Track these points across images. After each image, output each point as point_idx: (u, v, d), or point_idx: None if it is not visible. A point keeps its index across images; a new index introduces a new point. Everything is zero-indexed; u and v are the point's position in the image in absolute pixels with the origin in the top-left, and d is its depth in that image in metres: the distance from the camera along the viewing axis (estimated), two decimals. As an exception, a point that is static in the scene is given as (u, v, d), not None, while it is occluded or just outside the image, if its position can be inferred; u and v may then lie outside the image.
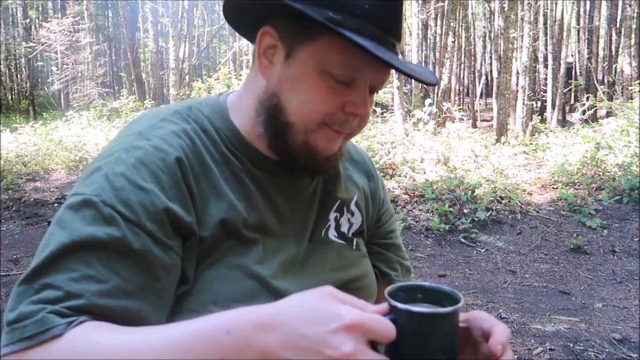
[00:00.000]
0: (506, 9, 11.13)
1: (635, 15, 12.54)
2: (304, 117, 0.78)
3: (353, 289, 0.88)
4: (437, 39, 20.20)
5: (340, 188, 0.93)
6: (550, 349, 2.72)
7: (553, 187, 6.53)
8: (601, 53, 16.33)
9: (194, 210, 0.76)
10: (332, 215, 0.92)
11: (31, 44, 17.21)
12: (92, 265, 0.67)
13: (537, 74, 15.12)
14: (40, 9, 20.75)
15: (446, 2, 12.80)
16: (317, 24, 0.71)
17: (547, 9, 15.05)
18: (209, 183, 0.79)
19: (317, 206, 0.90)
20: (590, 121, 10.79)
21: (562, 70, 14.19)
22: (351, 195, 0.95)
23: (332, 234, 0.91)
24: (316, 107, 0.77)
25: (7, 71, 22.42)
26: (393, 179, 6.60)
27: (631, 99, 10.38)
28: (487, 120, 18.37)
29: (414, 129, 7.84)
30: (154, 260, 0.70)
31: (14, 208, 6.03)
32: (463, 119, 8.49)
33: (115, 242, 0.68)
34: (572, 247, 4.58)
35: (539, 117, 12.61)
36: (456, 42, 16.16)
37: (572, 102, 15.29)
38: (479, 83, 21.95)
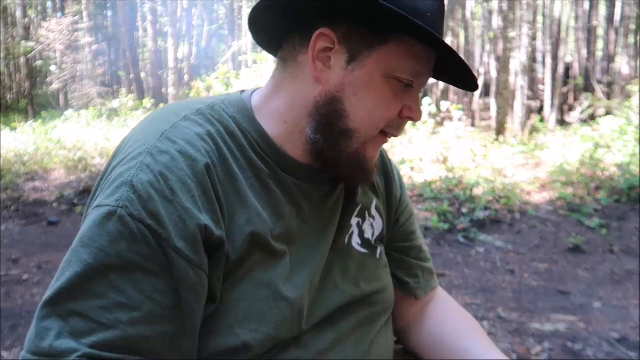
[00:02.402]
0: (505, 8, 11.13)
1: (633, 15, 12.56)
2: (369, 124, 0.76)
3: (372, 303, 0.87)
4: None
5: (359, 192, 0.89)
6: (549, 349, 2.73)
7: (552, 187, 6.53)
8: (600, 53, 16.32)
9: (223, 222, 0.71)
10: (354, 221, 0.88)
11: (30, 44, 17.17)
12: (122, 290, 0.63)
13: (535, 73, 15.12)
14: (39, 8, 20.72)
15: (445, 1, 12.80)
16: (394, 28, 0.71)
17: (546, 8, 15.05)
18: (235, 191, 0.73)
19: (340, 213, 0.86)
20: (588, 121, 10.79)
21: (561, 69, 14.19)
22: (371, 199, 0.91)
23: (355, 241, 0.88)
24: (383, 113, 0.76)
25: (6, 70, 22.37)
26: (392, 178, 6.59)
27: (629, 98, 10.38)
28: (486, 120, 18.37)
29: (412, 128, 7.84)
30: (185, 281, 0.66)
31: (13, 207, 6.02)
32: (462, 119, 8.48)
33: (145, 261, 0.64)
34: (570, 246, 4.58)
35: (538, 117, 12.59)
36: (455, 41, 16.17)
37: (571, 101, 15.29)
38: (478, 82, 21.90)
